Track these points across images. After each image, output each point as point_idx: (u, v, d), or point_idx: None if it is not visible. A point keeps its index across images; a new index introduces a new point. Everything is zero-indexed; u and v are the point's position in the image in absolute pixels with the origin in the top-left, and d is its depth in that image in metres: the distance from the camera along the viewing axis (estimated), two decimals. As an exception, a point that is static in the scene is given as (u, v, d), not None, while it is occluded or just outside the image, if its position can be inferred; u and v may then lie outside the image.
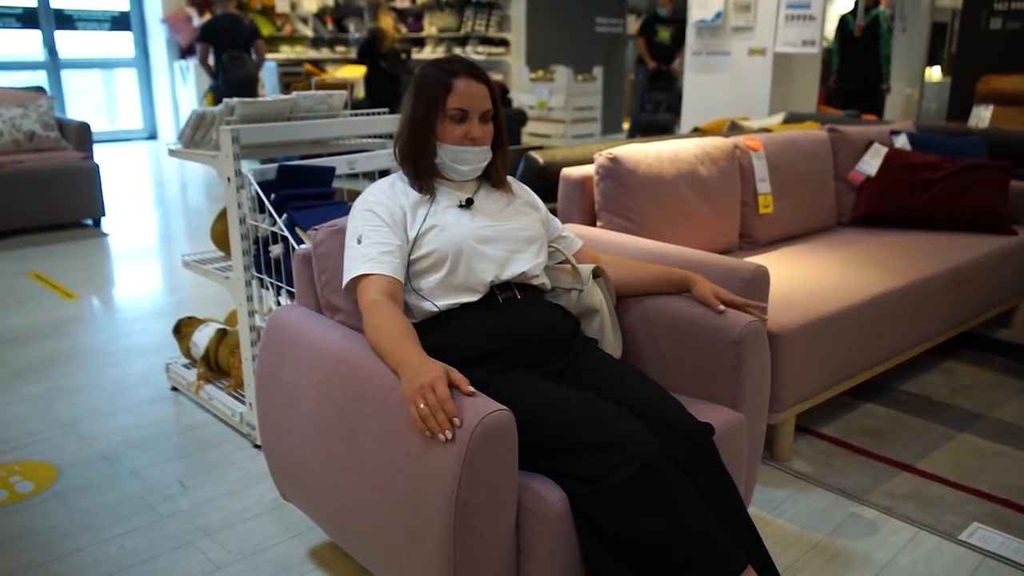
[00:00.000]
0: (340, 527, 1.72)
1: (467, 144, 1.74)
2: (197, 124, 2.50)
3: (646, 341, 1.95)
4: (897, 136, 3.70)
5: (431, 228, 1.72)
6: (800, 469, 2.41)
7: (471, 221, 1.77)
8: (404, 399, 1.40)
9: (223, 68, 6.89)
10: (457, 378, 1.40)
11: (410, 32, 10.73)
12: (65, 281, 4.33)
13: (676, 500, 1.42)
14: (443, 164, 1.78)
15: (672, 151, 2.85)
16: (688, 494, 1.44)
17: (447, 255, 1.70)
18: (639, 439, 1.44)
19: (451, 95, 1.72)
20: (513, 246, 1.78)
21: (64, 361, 3.22)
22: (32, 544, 2.04)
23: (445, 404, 1.34)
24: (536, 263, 1.81)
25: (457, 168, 1.77)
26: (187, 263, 2.70)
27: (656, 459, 1.43)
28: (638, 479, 1.41)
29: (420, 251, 1.71)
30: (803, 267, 2.88)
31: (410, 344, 1.50)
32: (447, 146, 1.75)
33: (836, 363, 2.53)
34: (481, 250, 1.73)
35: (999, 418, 2.75)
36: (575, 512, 1.45)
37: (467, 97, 1.72)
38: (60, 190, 5.31)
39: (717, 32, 6.52)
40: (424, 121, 1.74)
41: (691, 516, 1.42)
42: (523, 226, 1.82)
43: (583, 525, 1.45)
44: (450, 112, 1.72)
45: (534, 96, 8.85)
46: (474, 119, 1.74)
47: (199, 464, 2.43)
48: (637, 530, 1.40)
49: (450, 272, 1.71)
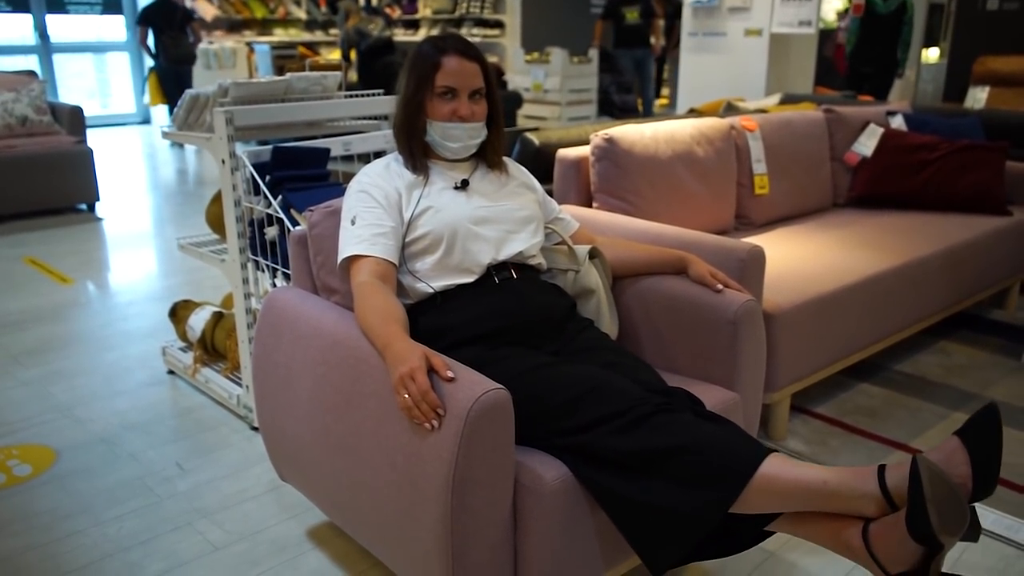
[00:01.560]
0: (338, 507, 1.72)
1: (455, 121, 1.74)
2: (191, 106, 2.49)
3: (642, 321, 1.95)
4: (893, 117, 3.69)
5: (426, 209, 1.72)
6: (795, 448, 2.42)
7: (467, 202, 1.76)
8: None
9: (163, 48, 7.60)
10: (437, 363, 1.39)
11: (404, 14, 10.65)
12: (60, 266, 4.32)
13: (685, 421, 1.42)
14: (434, 142, 1.77)
15: (668, 132, 2.84)
16: (693, 420, 1.44)
17: (442, 236, 1.70)
18: (638, 392, 1.47)
19: (440, 72, 1.72)
20: (509, 227, 1.78)
21: (61, 345, 3.22)
22: (31, 526, 2.05)
23: (427, 396, 1.34)
24: (532, 243, 1.81)
25: (447, 145, 1.77)
26: (182, 246, 2.69)
27: (656, 405, 1.44)
28: (643, 407, 1.42)
29: (415, 233, 1.71)
30: (799, 247, 2.88)
31: (395, 327, 1.49)
32: (436, 123, 1.75)
33: (831, 343, 2.54)
34: (477, 231, 1.73)
35: (992, 397, 2.76)
36: (580, 469, 1.45)
37: (456, 75, 1.72)
38: (54, 175, 5.28)
39: (713, 12, 6.49)
40: (414, 98, 1.74)
41: (705, 427, 1.42)
42: (519, 207, 1.82)
43: (594, 473, 1.44)
44: (439, 89, 1.72)
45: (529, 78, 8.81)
46: (463, 96, 1.73)
47: (196, 446, 2.43)
48: (656, 443, 1.38)
49: (445, 254, 1.71)
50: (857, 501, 1.32)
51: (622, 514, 1.44)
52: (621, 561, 1.60)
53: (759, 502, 1.37)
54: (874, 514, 1.32)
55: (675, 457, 1.37)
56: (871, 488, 1.31)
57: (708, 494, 1.36)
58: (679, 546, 1.39)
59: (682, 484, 1.37)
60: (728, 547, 1.51)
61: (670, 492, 1.37)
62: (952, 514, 1.23)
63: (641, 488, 1.39)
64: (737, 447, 1.38)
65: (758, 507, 1.38)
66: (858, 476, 1.33)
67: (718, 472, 1.36)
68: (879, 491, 1.31)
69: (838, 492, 1.33)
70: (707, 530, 1.37)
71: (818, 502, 1.35)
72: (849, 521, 1.35)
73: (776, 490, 1.35)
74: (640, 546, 1.43)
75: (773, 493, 1.35)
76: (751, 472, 1.35)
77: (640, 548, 1.43)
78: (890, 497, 1.30)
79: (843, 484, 1.33)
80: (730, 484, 1.35)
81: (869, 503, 1.32)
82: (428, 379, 1.36)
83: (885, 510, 1.31)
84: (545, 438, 1.51)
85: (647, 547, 1.42)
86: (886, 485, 1.31)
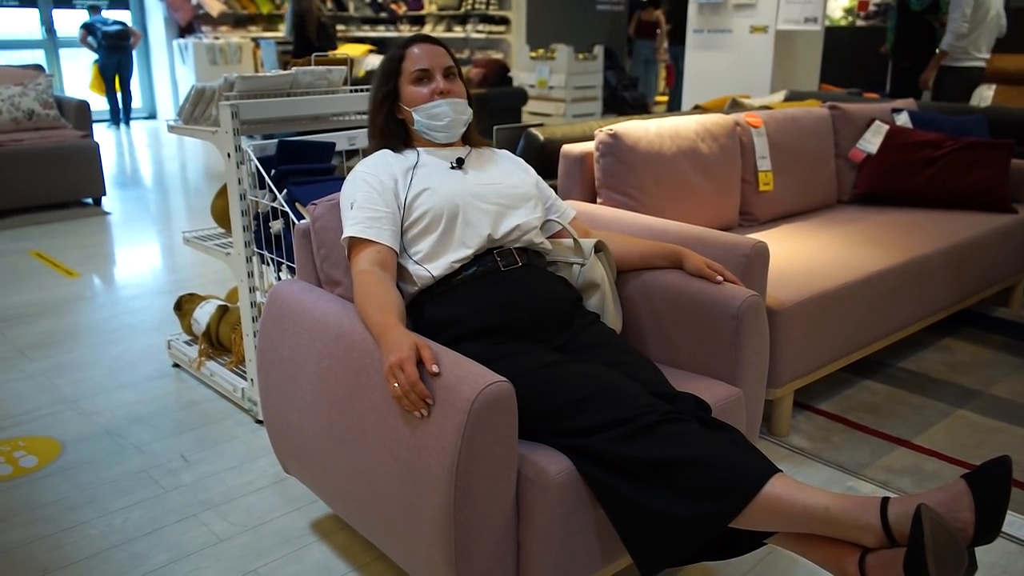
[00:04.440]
0: (341, 499, 1.73)
1: (437, 99, 1.78)
2: (196, 100, 2.50)
3: (646, 316, 1.96)
4: (898, 114, 3.69)
5: (422, 191, 1.73)
6: (798, 444, 2.43)
7: (464, 179, 1.78)
8: None
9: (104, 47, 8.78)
10: (426, 355, 1.40)
11: (410, 10, 10.66)
12: (66, 259, 4.34)
13: (691, 431, 1.42)
14: (422, 127, 1.80)
15: (672, 128, 2.84)
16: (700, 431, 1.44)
17: (442, 213, 1.71)
18: (646, 398, 1.47)
19: (408, 59, 1.78)
20: (508, 201, 1.79)
21: (66, 338, 3.23)
22: (37, 517, 2.06)
23: (415, 387, 1.36)
24: (531, 218, 1.81)
25: (436, 125, 1.79)
26: (188, 240, 2.70)
27: (663, 413, 1.44)
28: (649, 415, 1.42)
29: (414, 215, 1.72)
30: (803, 244, 2.88)
31: (390, 317, 1.51)
32: (419, 108, 1.78)
33: (835, 340, 2.54)
34: (476, 205, 1.75)
35: (996, 395, 2.76)
36: (585, 468, 1.45)
37: (425, 57, 1.78)
38: (60, 169, 5.30)
39: (719, 9, 6.48)
40: (387, 93, 1.79)
41: (711, 439, 1.41)
42: (516, 184, 1.84)
43: (597, 474, 1.44)
44: (413, 75, 1.77)
45: (534, 75, 8.81)
46: (437, 76, 1.78)
47: (201, 439, 2.44)
48: (661, 452, 1.38)
49: (446, 231, 1.71)
50: (857, 531, 1.32)
51: (620, 514, 1.44)
52: (622, 555, 1.61)
53: (759, 520, 1.37)
54: (873, 545, 1.31)
55: (679, 469, 1.37)
56: (873, 520, 1.30)
57: (709, 507, 1.35)
58: (672, 553, 1.39)
59: (684, 495, 1.37)
60: (723, 552, 1.51)
61: (670, 501, 1.37)
62: (950, 561, 1.22)
63: (642, 492, 1.39)
64: (743, 464, 1.38)
65: (758, 525, 1.38)
66: (861, 506, 1.33)
67: (721, 487, 1.35)
68: (880, 524, 1.30)
69: (839, 519, 1.32)
70: (703, 541, 1.37)
71: (818, 526, 1.34)
72: (847, 547, 1.34)
73: (777, 510, 1.35)
74: (634, 547, 1.44)
75: (774, 513, 1.35)
76: (754, 491, 1.34)
77: (633, 549, 1.44)
78: (890, 532, 1.29)
79: (845, 512, 1.32)
80: (732, 500, 1.35)
81: (869, 534, 1.31)
82: (417, 370, 1.37)
83: (884, 543, 1.30)
84: (549, 436, 1.51)
85: (641, 550, 1.43)
86: (888, 519, 1.30)
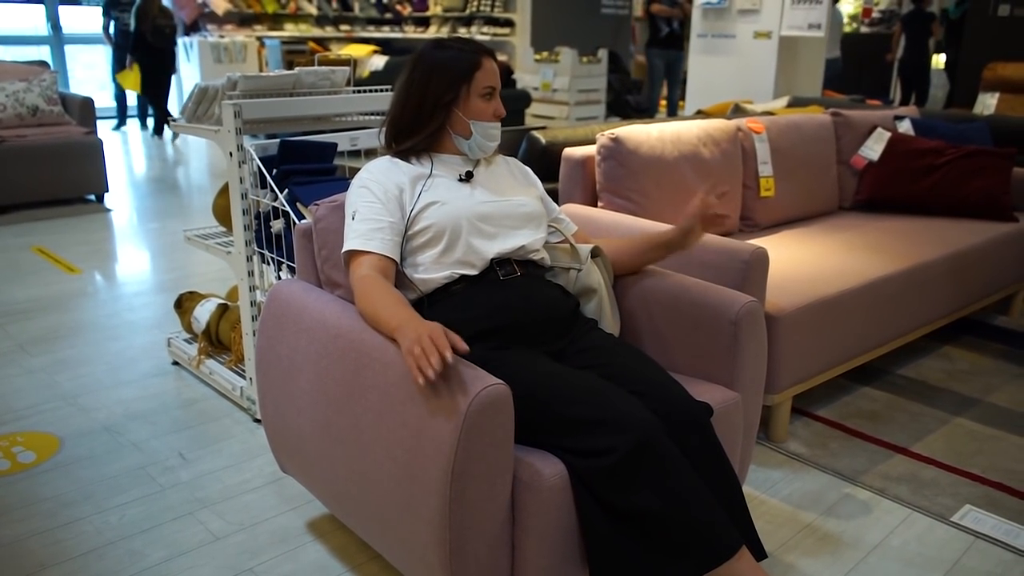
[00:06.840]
0: (338, 499, 1.74)
1: (494, 120, 1.80)
2: (200, 98, 2.51)
3: (644, 320, 1.96)
4: (901, 121, 3.69)
5: (431, 203, 1.73)
6: (795, 450, 2.43)
7: (471, 196, 1.78)
8: (402, 372, 1.41)
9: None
10: (453, 336, 1.41)
11: (415, 11, 10.66)
12: (68, 256, 4.35)
13: (672, 477, 1.43)
14: (471, 142, 1.80)
15: (674, 132, 2.85)
16: (685, 472, 1.45)
17: (445, 230, 1.71)
18: (637, 417, 1.46)
19: (481, 72, 1.76)
20: (512, 222, 1.79)
21: (67, 334, 3.24)
22: (34, 512, 2.06)
23: (437, 340, 1.37)
24: (535, 238, 1.82)
25: (486, 144, 1.81)
26: (189, 238, 2.71)
27: (653, 436, 1.44)
28: (634, 455, 1.42)
29: (418, 226, 1.72)
30: (803, 250, 2.88)
31: (405, 310, 1.51)
32: (480, 123, 1.78)
33: (834, 346, 2.54)
34: (480, 227, 1.74)
35: (995, 403, 2.76)
36: (574, 483, 1.47)
37: (494, 75, 1.79)
38: (63, 165, 5.31)
39: (723, 14, 6.48)
40: (441, 100, 1.76)
41: (687, 494, 1.43)
42: (523, 202, 1.83)
43: (583, 496, 1.46)
44: (483, 90, 1.77)
45: (539, 77, 8.82)
46: (497, 96, 1.80)
47: (199, 437, 2.45)
48: (633, 503, 1.42)
49: (447, 248, 1.72)
50: None
51: (592, 544, 1.48)
52: (618, 558, 1.61)
53: None
54: None
55: (651, 520, 1.42)
56: None
57: (670, 566, 1.42)
58: None
59: (650, 548, 1.43)
60: None
61: (636, 548, 1.43)
62: None
63: (614, 529, 1.45)
64: (713, 530, 1.43)
65: None
66: None
67: (684, 548, 1.42)
68: None
69: None
70: None
71: None
72: None
73: None
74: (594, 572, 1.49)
75: None
76: (715, 563, 1.42)
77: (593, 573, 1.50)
78: None
79: None
80: (693, 564, 1.42)
81: None
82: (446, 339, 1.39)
83: None
84: (542, 441, 1.52)
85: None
86: None
